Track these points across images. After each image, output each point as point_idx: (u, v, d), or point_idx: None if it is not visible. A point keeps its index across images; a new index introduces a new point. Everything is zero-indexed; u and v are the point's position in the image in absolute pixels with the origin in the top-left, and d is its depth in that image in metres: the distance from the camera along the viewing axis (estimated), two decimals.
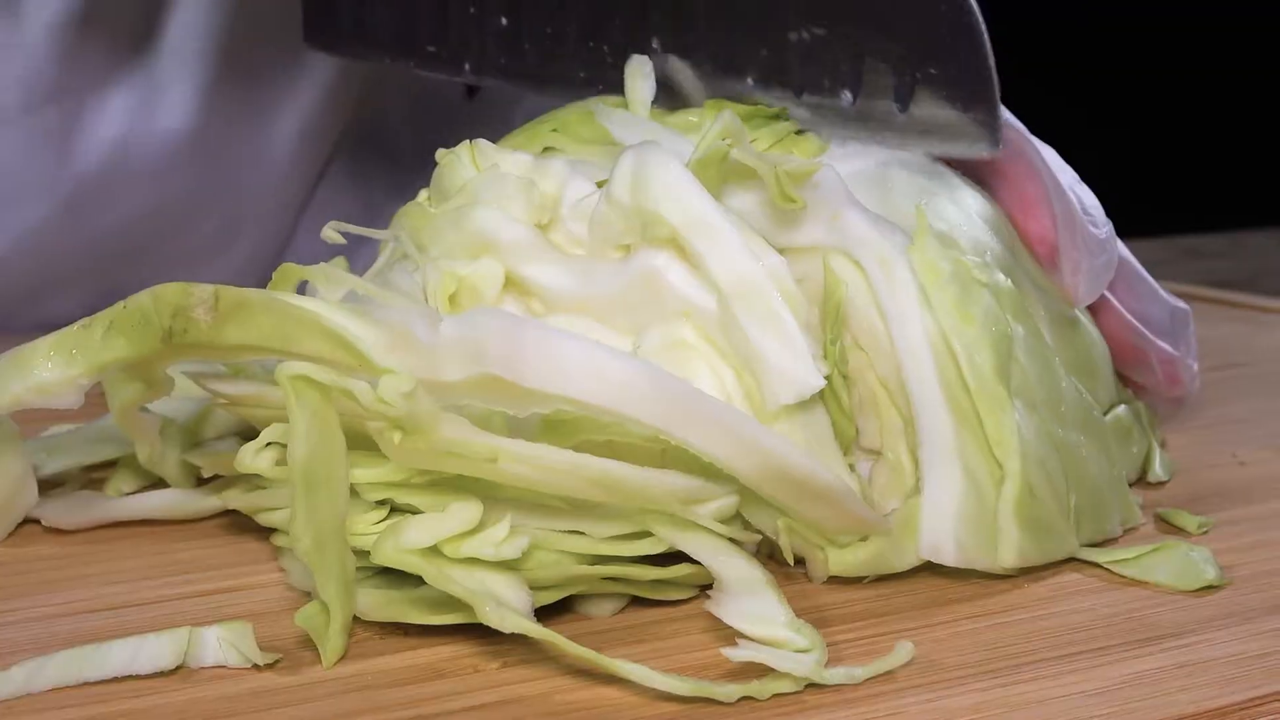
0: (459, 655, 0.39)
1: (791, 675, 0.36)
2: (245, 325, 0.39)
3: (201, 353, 0.40)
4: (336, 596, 0.38)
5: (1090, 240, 0.50)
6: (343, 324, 0.39)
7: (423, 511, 0.40)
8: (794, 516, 0.41)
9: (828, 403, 0.43)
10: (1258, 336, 0.79)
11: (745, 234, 0.43)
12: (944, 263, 0.43)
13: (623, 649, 0.39)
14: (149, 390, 0.44)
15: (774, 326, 0.42)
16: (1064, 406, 0.45)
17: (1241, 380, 0.68)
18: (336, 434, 0.38)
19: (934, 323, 0.43)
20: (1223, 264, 1.27)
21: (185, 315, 0.39)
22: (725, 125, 0.44)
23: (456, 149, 0.50)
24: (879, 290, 0.44)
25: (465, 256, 0.46)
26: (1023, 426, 0.43)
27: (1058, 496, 0.43)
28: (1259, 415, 0.62)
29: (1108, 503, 0.46)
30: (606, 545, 0.40)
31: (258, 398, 0.43)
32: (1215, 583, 0.43)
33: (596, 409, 0.38)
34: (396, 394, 0.37)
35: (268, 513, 0.45)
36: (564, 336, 0.38)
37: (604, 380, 0.38)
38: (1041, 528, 0.43)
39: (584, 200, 0.46)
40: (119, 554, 0.46)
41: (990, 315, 0.43)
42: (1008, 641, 0.39)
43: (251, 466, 0.41)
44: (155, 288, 0.40)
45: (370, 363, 0.38)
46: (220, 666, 0.38)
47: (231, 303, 0.39)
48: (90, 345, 0.41)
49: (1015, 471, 0.42)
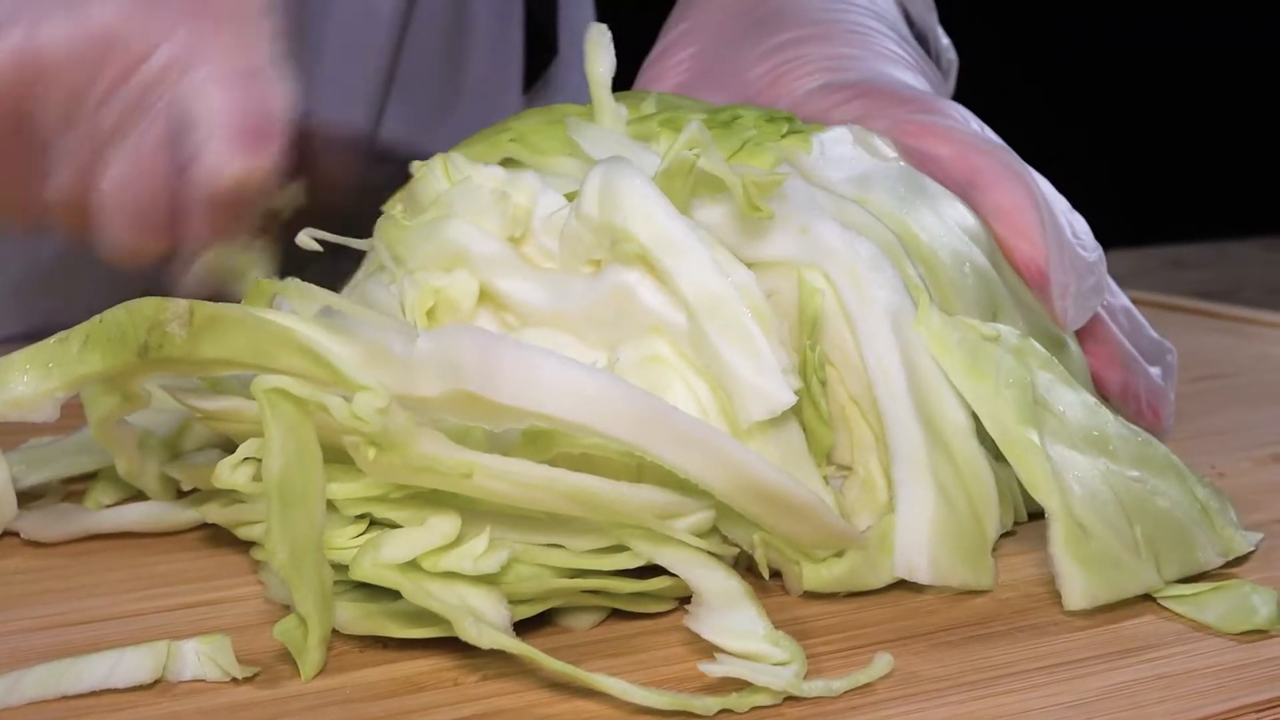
0: (439, 669, 0.39)
1: (770, 689, 0.36)
2: (220, 340, 0.39)
3: (177, 367, 0.40)
4: (315, 610, 0.38)
5: (1079, 263, 0.50)
6: (317, 340, 0.39)
7: (401, 525, 0.40)
8: (769, 531, 0.41)
9: (805, 411, 0.43)
10: (1240, 347, 0.79)
11: (714, 250, 0.43)
12: (950, 331, 0.43)
13: (601, 662, 0.39)
14: (127, 403, 0.44)
15: (744, 343, 0.42)
16: (1112, 444, 0.44)
17: (1223, 391, 0.68)
18: (313, 447, 0.38)
19: (949, 385, 0.43)
20: (1205, 274, 1.27)
21: (160, 330, 0.39)
22: (692, 135, 0.44)
23: (430, 161, 0.50)
24: (849, 304, 0.44)
25: (440, 269, 0.46)
26: (1065, 467, 0.42)
27: (1117, 530, 0.42)
28: (1239, 427, 0.62)
29: (1190, 534, 0.44)
30: (585, 559, 0.40)
31: (235, 412, 0.43)
32: (1263, 626, 0.41)
33: (571, 425, 0.38)
34: (370, 410, 0.37)
35: (246, 526, 0.44)
36: (539, 353, 0.38)
37: (578, 397, 0.38)
38: (1105, 564, 0.42)
39: (555, 214, 0.46)
40: (98, 567, 0.46)
41: (1005, 368, 0.43)
42: (985, 653, 0.39)
43: (229, 482, 0.41)
44: (130, 302, 0.40)
45: (345, 378, 0.38)
46: (199, 680, 0.38)
47: (206, 318, 0.39)
48: (66, 359, 0.41)
49: (1058, 510, 0.42)
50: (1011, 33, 2.29)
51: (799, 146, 0.48)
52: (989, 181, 0.49)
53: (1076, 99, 2.39)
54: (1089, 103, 2.41)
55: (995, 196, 0.49)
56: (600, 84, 0.50)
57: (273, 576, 0.43)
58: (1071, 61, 2.38)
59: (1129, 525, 0.43)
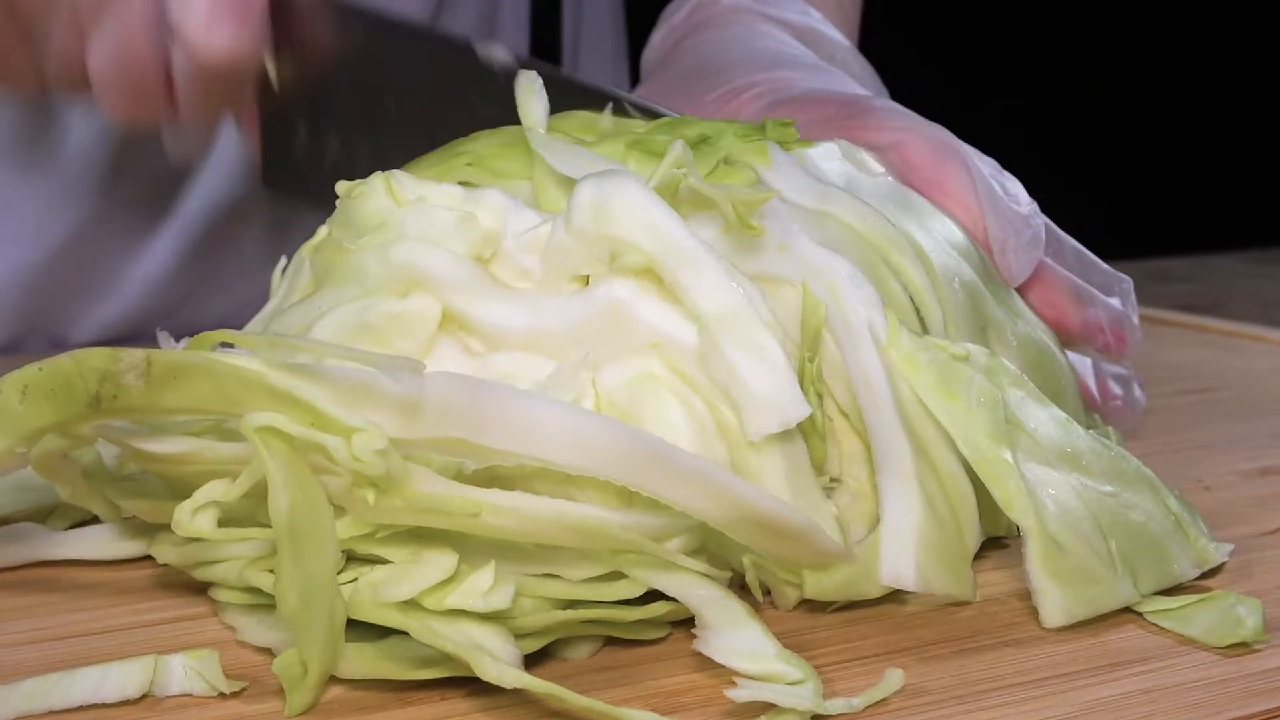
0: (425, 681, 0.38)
1: (796, 710, 0.36)
2: (182, 390, 0.37)
3: (134, 416, 0.39)
4: (320, 654, 0.37)
5: (1014, 218, 0.51)
6: (292, 383, 0.37)
7: (391, 562, 0.39)
8: (764, 555, 0.41)
9: (806, 421, 0.43)
10: (1225, 360, 0.79)
11: (722, 261, 0.43)
12: (920, 351, 0.43)
13: (615, 693, 0.38)
14: (73, 444, 0.41)
15: (758, 355, 0.42)
16: (1084, 459, 0.44)
17: (1208, 405, 0.68)
18: (314, 482, 0.37)
19: (921, 405, 0.43)
20: (1190, 287, 1.28)
21: (114, 381, 0.37)
22: (678, 155, 0.44)
23: (368, 180, 0.47)
24: (831, 318, 0.44)
25: (394, 294, 0.45)
26: (1038, 484, 0.42)
27: (1092, 546, 0.42)
28: (1225, 440, 0.62)
29: (1164, 547, 0.44)
30: (584, 589, 0.39)
31: (189, 455, 0.40)
32: (1250, 638, 0.41)
33: (566, 467, 0.38)
34: (369, 451, 0.36)
35: (204, 567, 0.42)
36: (529, 398, 0.38)
37: (573, 442, 0.37)
38: (1082, 579, 0.42)
39: (533, 230, 0.45)
40: (84, 580, 0.46)
41: (976, 387, 0.43)
42: (974, 667, 0.40)
43: (192, 530, 0.38)
44: (77, 352, 0.37)
45: (330, 420, 0.36)
46: (186, 695, 0.38)
47: (166, 367, 0.37)
48: (12, 414, 0.38)
49: (1033, 529, 0.42)
50: (994, 45, 2.30)
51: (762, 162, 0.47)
52: (920, 159, 0.51)
53: (1061, 112, 2.40)
54: (1073, 116, 2.42)
55: (926, 170, 0.51)
56: (535, 131, 0.49)
57: (241, 618, 0.41)
58: (1055, 75, 2.39)
59: (1104, 540, 0.43)
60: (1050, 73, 2.38)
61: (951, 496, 0.43)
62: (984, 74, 2.27)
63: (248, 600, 0.41)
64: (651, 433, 0.39)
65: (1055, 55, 2.39)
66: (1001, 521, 0.46)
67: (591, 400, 0.43)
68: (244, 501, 0.39)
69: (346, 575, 0.39)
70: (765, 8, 0.69)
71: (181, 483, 0.41)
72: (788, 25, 0.68)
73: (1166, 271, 1.35)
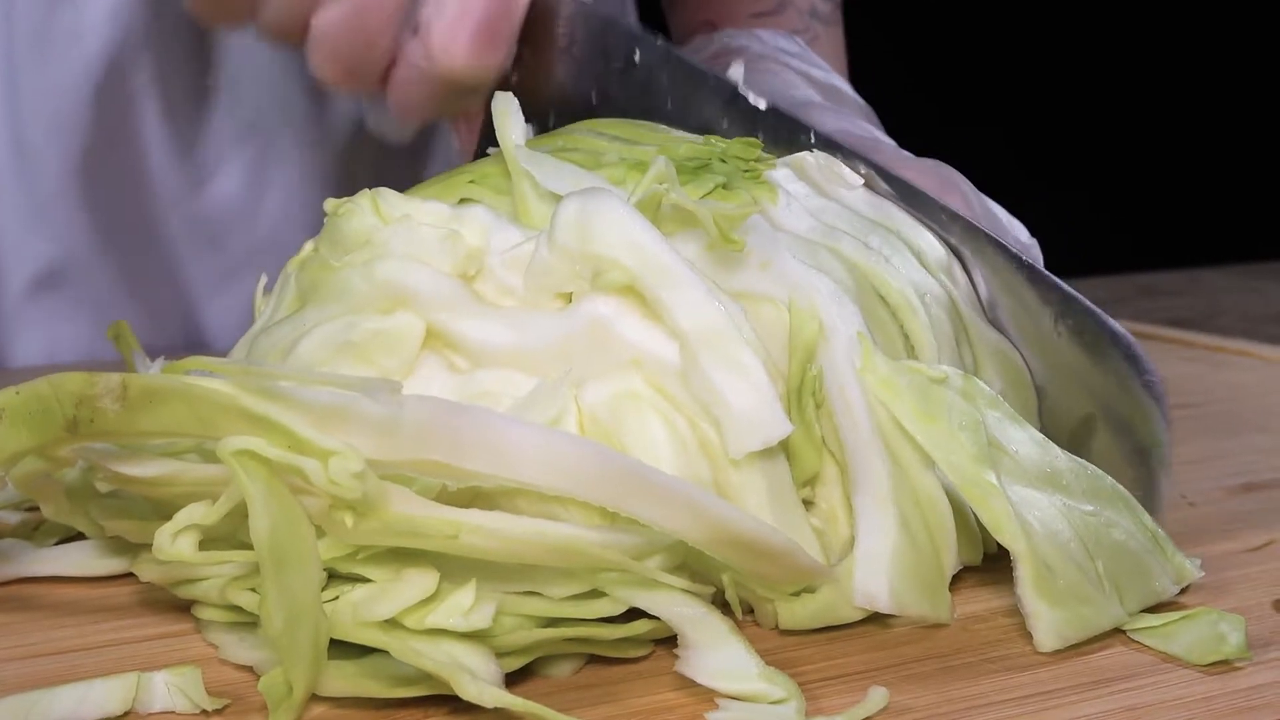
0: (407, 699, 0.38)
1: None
2: (158, 413, 0.37)
3: (112, 438, 0.39)
4: (304, 675, 0.37)
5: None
6: (265, 407, 0.37)
7: (372, 580, 0.39)
8: (743, 574, 0.41)
9: (796, 434, 0.43)
10: (1213, 375, 0.79)
11: (703, 279, 0.43)
12: (897, 375, 0.43)
13: (597, 711, 0.38)
14: (54, 465, 0.41)
15: (739, 373, 0.42)
16: (1064, 479, 0.44)
17: (1194, 420, 0.68)
18: (294, 504, 0.37)
19: (901, 430, 0.43)
20: (1179, 302, 1.28)
21: (90, 405, 0.37)
22: (660, 171, 0.44)
23: (355, 198, 0.47)
24: None
25: (378, 312, 0.45)
26: (1024, 506, 0.42)
27: (1080, 567, 0.42)
28: (1210, 456, 0.62)
29: (1145, 564, 0.44)
30: (565, 607, 0.39)
31: (168, 478, 0.40)
32: (1233, 655, 0.41)
33: (547, 489, 0.38)
34: (346, 474, 0.36)
35: (186, 585, 0.42)
36: (508, 421, 0.38)
37: (551, 464, 0.37)
38: (1074, 601, 0.42)
39: (517, 248, 0.45)
40: (67, 597, 0.46)
41: (956, 410, 0.43)
42: (957, 685, 0.40)
43: (173, 554, 0.39)
44: (53, 376, 0.38)
45: (305, 443, 0.36)
46: (169, 712, 0.38)
47: (142, 391, 0.37)
48: None
49: (1023, 552, 0.42)
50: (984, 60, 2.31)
51: (767, 194, 0.47)
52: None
53: (1052, 127, 2.41)
54: (1064, 131, 2.42)
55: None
56: (513, 152, 0.48)
57: (223, 636, 0.41)
58: (1046, 91, 2.39)
59: (1090, 560, 0.43)
60: (1041, 89, 2.38)
61: (929, 518, 0.43)
62: (975, 89, 2.28)
63: (230, 618, 0.41)
64: (630, 454, 0.39)
65: (1047, 71, 2.39)
66: (978, 549, 0.46)
67: (574, 417, 0.43)
68: (225, 520, 0.39)
69: (328, 593, 0.39)
70: (790, 60, 0.69)
71: (163, 503, 0.41)
72: (812, 81, 0.68)
73: (1155, 285, 1.35)
